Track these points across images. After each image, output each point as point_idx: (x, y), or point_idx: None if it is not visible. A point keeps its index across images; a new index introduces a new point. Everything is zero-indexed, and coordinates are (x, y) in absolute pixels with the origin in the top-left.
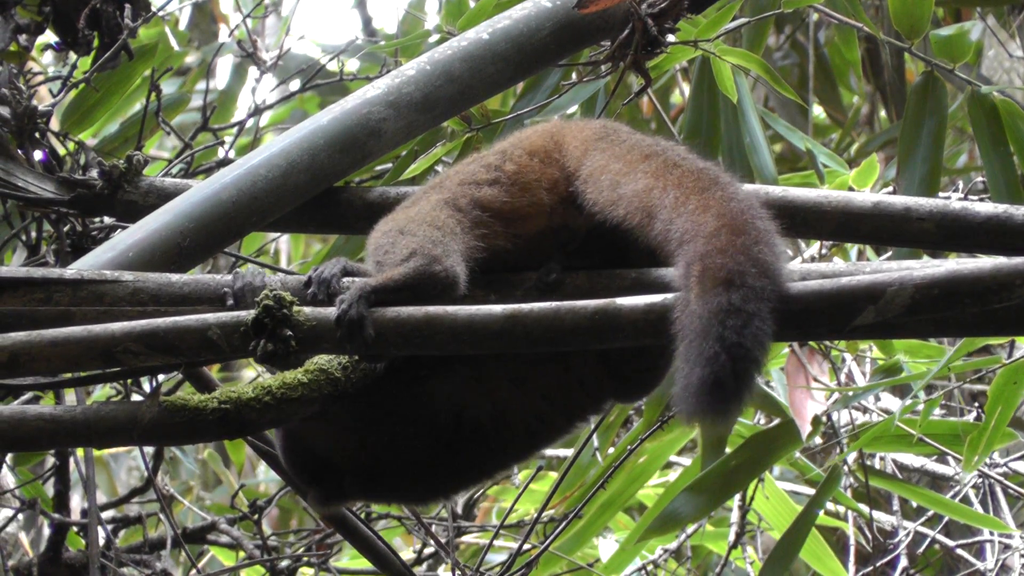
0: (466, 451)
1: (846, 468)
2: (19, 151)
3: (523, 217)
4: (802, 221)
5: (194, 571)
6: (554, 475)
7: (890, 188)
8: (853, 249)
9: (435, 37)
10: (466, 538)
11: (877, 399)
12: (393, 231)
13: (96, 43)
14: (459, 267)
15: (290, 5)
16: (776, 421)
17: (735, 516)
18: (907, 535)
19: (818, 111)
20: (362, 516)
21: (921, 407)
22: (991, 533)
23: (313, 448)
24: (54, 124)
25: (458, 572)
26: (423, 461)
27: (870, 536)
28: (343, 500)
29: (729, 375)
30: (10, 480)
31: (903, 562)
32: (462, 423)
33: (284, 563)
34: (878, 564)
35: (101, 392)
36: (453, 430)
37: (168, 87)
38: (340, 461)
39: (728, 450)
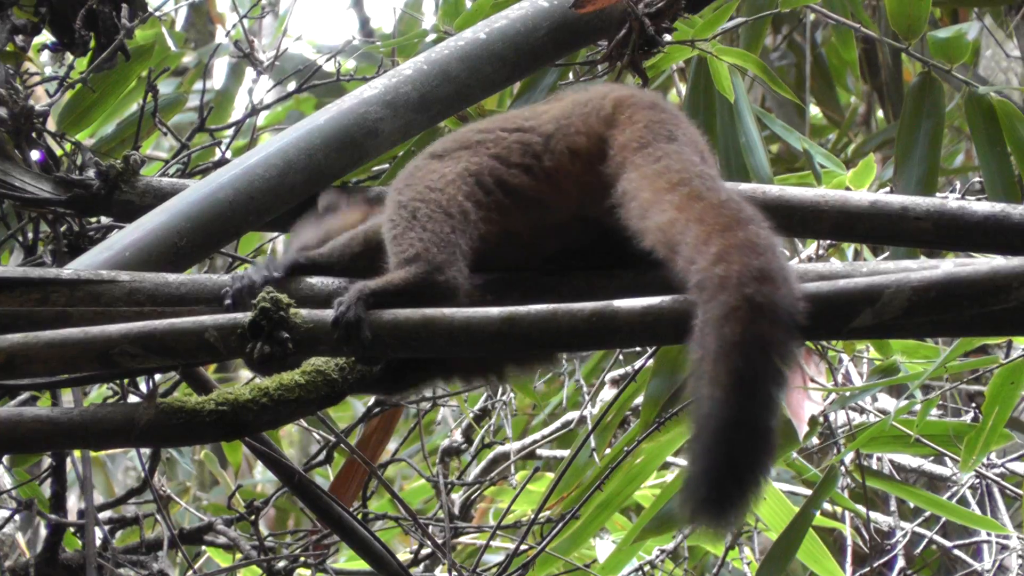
0: None
1: (843, 469)
2: (16, 151)
3: (546, 208)
4: (799, 221)
5: (191, 572)
6: (551, 476)
7: (887, 188)
8: (850, 249)
9: (432, 37)
10: (463, 539)
11: (874, 399)
12: (408, 208)
13: (93, 43)
14: (461, 275)
15: (286, 5)
16: None
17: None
18: (904, 536)
19: (815, 111)
20: (359, 517)
21: (918, 407)
22: (988, 534)
23: None
24: (51, 124)
25: (455, 573)
26: None
27: (867, 537)
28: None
29: (732, 495)
30: (7, 481)
31: (900, 563)
32: None
33: (281, 564)
34: (875, 565)
35: (98, 393)
36: None
37: (165, 87)
38: None
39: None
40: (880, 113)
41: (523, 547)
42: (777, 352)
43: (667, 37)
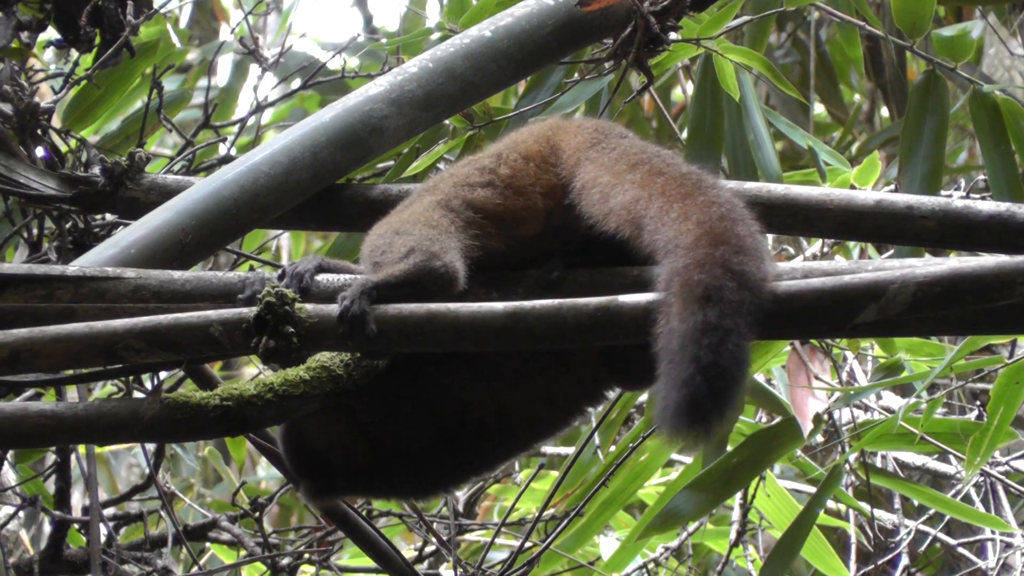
0: (469, 448)
1: (847, 466)
2: (21, 148)
3: (518, 220)
4: (804, 219)
5: (195, 568)
6: (555, 474)
7: (892, 186)
8: (856, 248)
9: (437, 35)
10: (467, 536)
11: (879, 397)
12: (388, 232)
13: (98, 40)
14: (458, 263)
15: (290, 3)
16: (777, 419)
17: (736, 514)
18: (908, 533)
19: (819, 109)
20: (364, 513)
21: (923, 406)
22: (992, 532)
23: (310, 442)
24: (56, 121)
25: (459, 570)
26: (425, 458)
27: (871, 534)
28: (333, 496)
29: (705, 396)
30: (11, 477)
31: (904, 560)
32: (467, 422)
33: (285, 560)
34: (879, 563)
35: (103, 390)
36: (457, 428)
37: (169, 84)
38: (335, 458)
39: (729, 448)
40: (884, 111)
41: (527, 544)
42: (741, 271)
43: (672, 35)
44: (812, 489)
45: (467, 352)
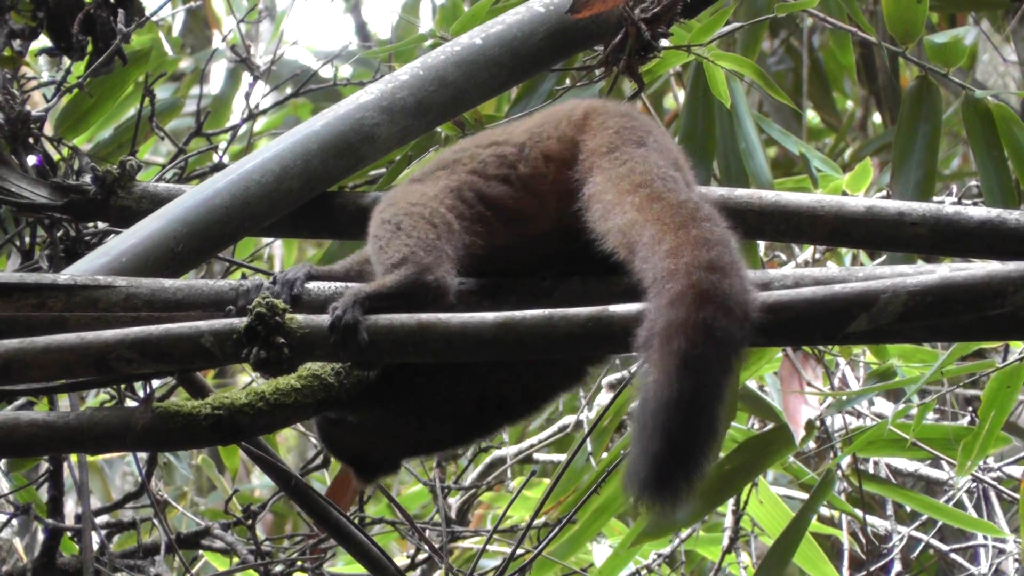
0: (491, 422)
1: (840, 473)
2: (13, 156)
3: (527, 218)
4: (795, 226)
5: None
6: (547, 481)
7: (884, 193)
8: (848, 255)
9: (429, 42)
10: (460, 543)
11: (871, 403)
12: (391, 223)
13: (90, 48)
14: (449, 276)
15: (284, 10)
16: (770, 426)
17: (729, 521)
18: (901, 539)
19: (812, 116)
20: (356, 521)
21: (915, 411)
22: (985, 537)
23: (347, 445)
24: (48, 129)
25: None
26: (453, 437)
27: (864, 541)
28: (383, 476)
29: (673, 471)
30: (4, 485)
31: (897, 567)
32: (486, 404)
33: (278, 568)
34: (872, 569)
35: (96, 399)
36: (478, 411)
37: (162, 92)
38: (373, 458)
39: (722, 454)
40: (877, 118)
41: (520, 551)
42: (723, 337)
43: (664, 42)
44: (805, 495)
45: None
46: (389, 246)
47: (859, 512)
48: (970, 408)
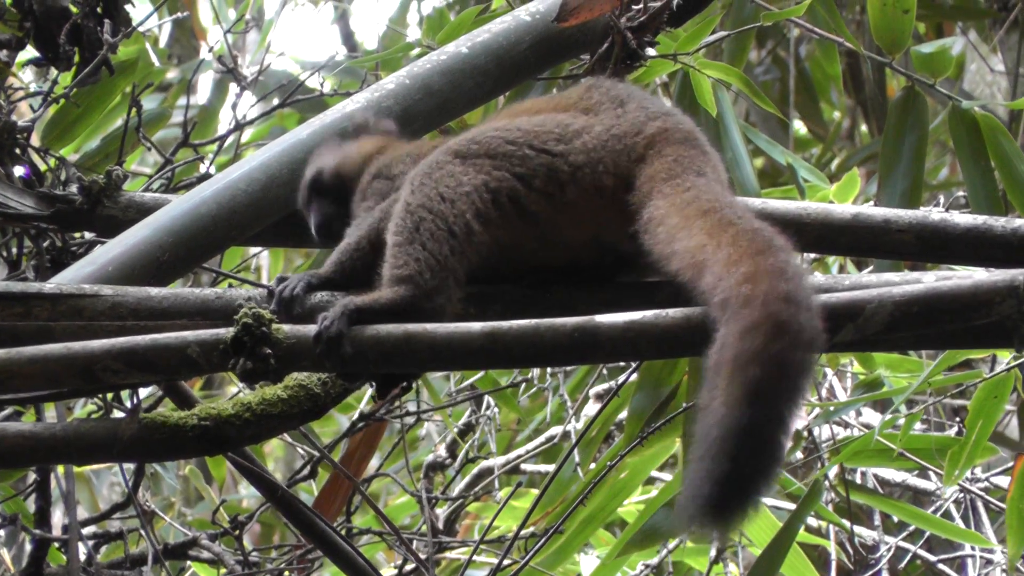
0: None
1: (827, 483)
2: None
3: (559, 232)
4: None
5: None
6: (535, 491)
7: (871, 203)
8: (835, 263)
9: (416, 51)
10: (447, 554)
11: (858, 414)
12: (415, 216)
13: (77, 59)
14: (449, 304)
15: (271, 20)
16: None
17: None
18: (889, 550)
19: (799, 126)
20: (343, 532)
21: (902, 421)
22: (973, 548)
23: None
24: (35, 139)
25: None
26: None
27: (852, 551)
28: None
29: (736, 497)
30: None
31: None
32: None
33: None
34: None
35: (84, 410)
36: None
37: (149, 103)
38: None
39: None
40: (864, 127)
41: (507, 562)
42: (794, 370)
43: (650, 51)
44: (792, 506)
45: None
46: (402, 250)
47: (846, 522)
48: (957, 418)
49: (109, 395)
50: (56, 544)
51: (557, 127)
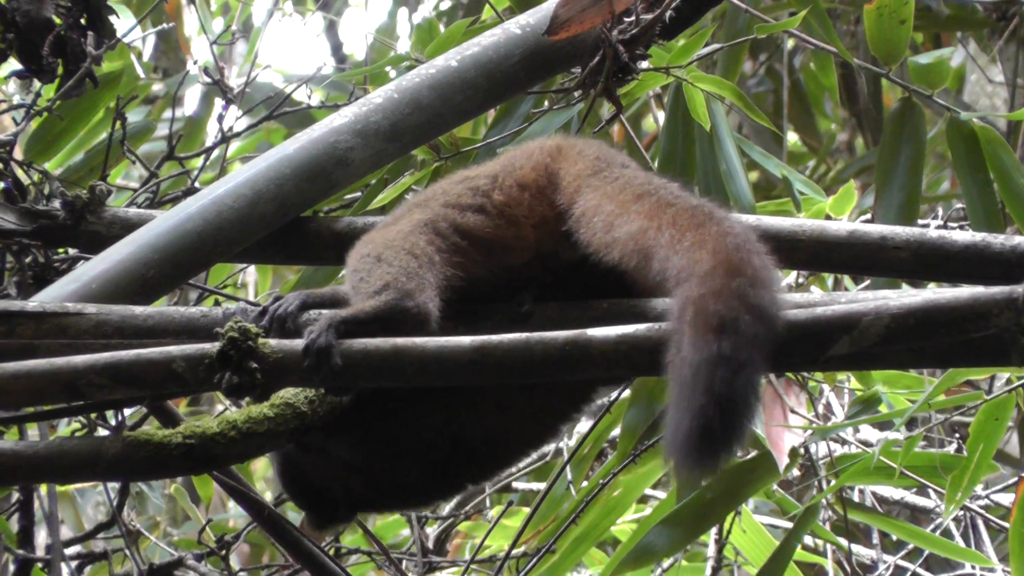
0: (464, 468)
1: (824, 501)
2: None
3: (506, 248)
4: (775, 250)
5: None
6: (526, 510)
7: (867, 216)
8: (831, 279)
9: (405, 64)
10: (437, 574)
11: (856, 431)
12: (371, 256)
13: (60, 71)
14: (432, 303)
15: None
16: (753, 453)
17: (711, 550)
18: (887, 569)
19: (793, 138)
20: (331, 552)
21: (901, 437)
22: (973, 567)
23: (308, 477)
24: (17, 153)
25: None
26: (420, 482)
27: (849, 570)
28: (337, 523)
29: (717, 427)
30: None
31: None
32: (457, 448)
33: None
34: None
35: (67, 428)
36: (448, 455)
37: (135, 116)
38: (334, 492)
39: (704, 483)
40: (860, 140)
41: None
42: (756, 303)
43: (642, 64)
44: (789, 524)
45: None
46: (371, 275)
47: (844, 541)
48: (956, 435)
49: (93, 413)
50: (39, 564)
51: (466, 170)
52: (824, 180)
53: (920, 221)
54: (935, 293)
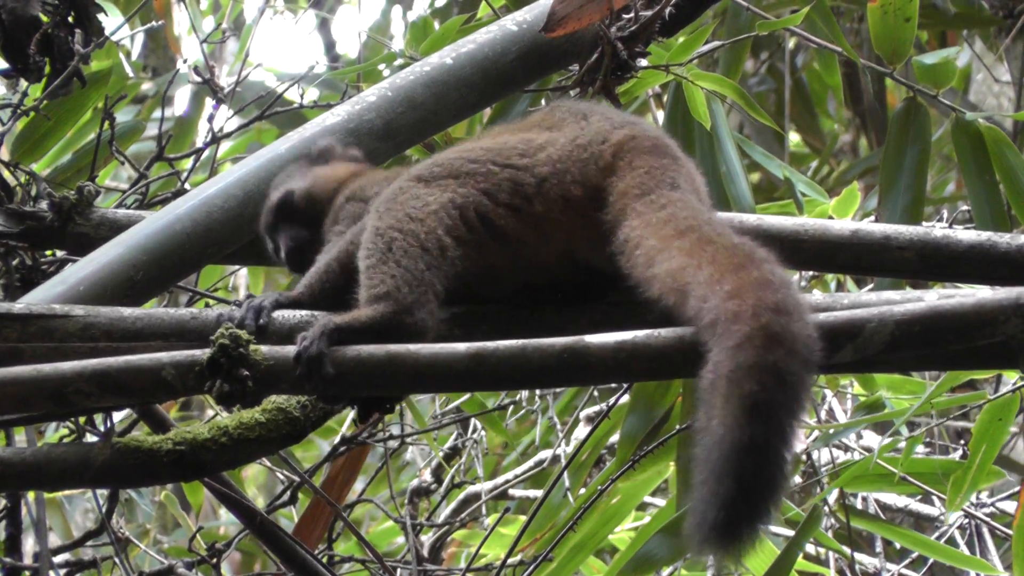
0: None
1: (827, 508)
2: None
3: (529, 250)
4: (777, 251)
5: None
6: (523, 518)
7: (871, 218)
8: (833, 280)
9: (399, 62)
10: None
11: (859, 436)
12: (385, 238)
13: (47, 70)
14: (431, 318)
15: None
16: None
17: (712, 559)
18: None
19: (795, 139)
20: (324, 560)
21: (903, 444)
22: (977, 575)
23: None
24: (4, 153)
25: None
26: None
27: None
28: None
29: (745, 519)
30: None
31: None
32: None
33: None
34: None
35: (55, 434)
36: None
37: (123, 116)
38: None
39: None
40: (863, 140)
41: None
42: (792, 380)
43: (641, 61)
44: (791, 532)
45: None
46: (377, 269)
47: (847, 549)
48: (961, 441)
49: (82, 419)
50: (27, 573)
51: (520, 143)
52: (827, 181)
53: (925, 224)
54: (940, 298)
